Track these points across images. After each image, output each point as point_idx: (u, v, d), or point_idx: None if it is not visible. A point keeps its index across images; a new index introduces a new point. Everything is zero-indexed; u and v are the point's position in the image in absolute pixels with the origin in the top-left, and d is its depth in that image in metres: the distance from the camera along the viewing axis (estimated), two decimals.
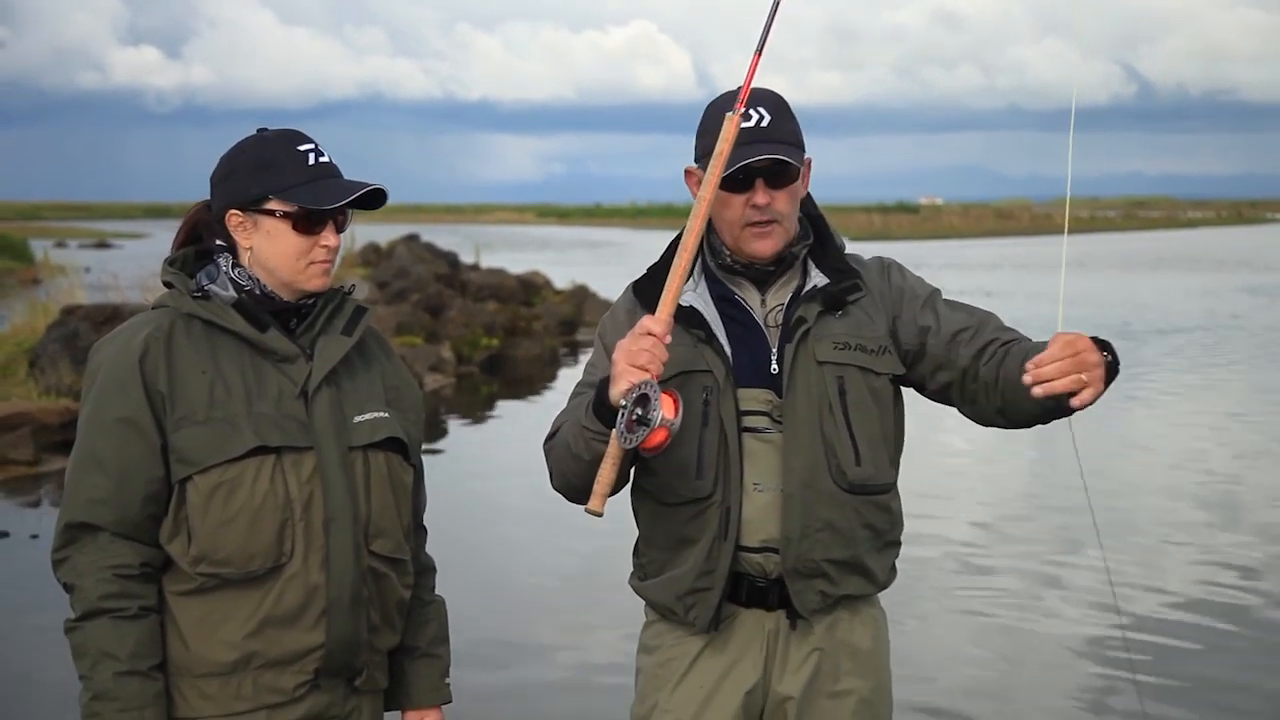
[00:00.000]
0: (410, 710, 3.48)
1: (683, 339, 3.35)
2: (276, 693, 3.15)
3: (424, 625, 3.46)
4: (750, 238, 3.39)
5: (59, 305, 19.58)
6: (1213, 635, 8.02)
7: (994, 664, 7.62)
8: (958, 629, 8.22)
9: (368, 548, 3.20)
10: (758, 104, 3.37)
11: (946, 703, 6.86)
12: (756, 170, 3.32)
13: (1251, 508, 11.42)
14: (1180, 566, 9.56)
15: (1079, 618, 8.37)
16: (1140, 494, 12.02)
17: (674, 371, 3.30)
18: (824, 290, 3.44)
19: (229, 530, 3.06)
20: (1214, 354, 22.82)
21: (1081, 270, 48.85)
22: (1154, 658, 7.56)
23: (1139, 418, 16.25)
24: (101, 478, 3.07)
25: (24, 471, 12.72)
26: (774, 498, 3.36)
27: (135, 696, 3.05)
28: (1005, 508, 11.49)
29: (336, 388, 3.20)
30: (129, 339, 3.13)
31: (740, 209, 3.36)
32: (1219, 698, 6.99)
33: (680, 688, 3.45)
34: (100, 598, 3.04)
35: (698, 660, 3.45)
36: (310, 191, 3.15)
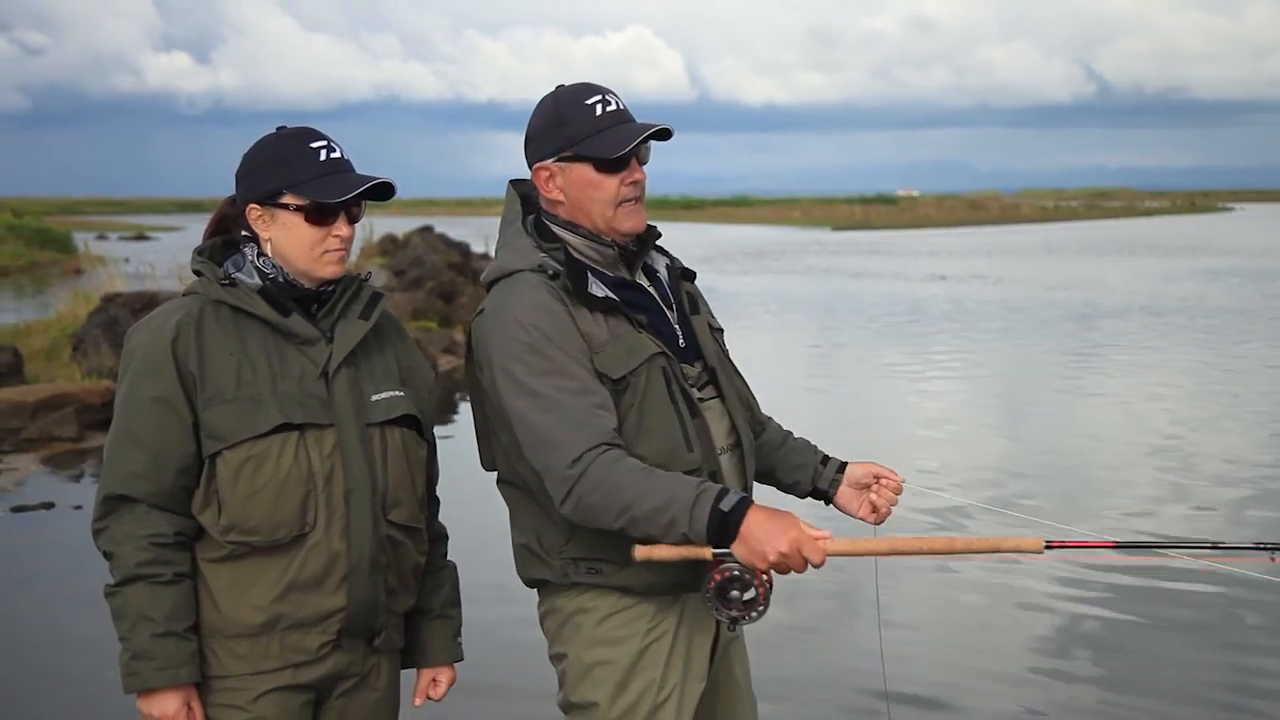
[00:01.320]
0: (425, 668, 3.48)
1: (625, 328, 3.27)
2: (302, 652, 3.16)
3: (437, 589, 3.47)
4: (624, 215, 3.32)
5: (100, 293, 19.58)
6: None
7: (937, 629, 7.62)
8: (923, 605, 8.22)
9: (385, 517, 3.21)
10: (608, 92, 3.36)
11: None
12: (638, 148, 3.30)
13: (1199, 473, 11.42)
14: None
15: (1028, 586, 8.36)
16: (1099, 459, 12.03)
17: (641, 359, 3.24)
18: (681, 267, 3.55)
19: (256, 501, 3.07)
20: (1168, 333, 22.82)
21: (1048, 256, 48.87)
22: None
23: (1101, 388, 16.29)
24: (138, 453, 3.08)
25: (68, 447, 12.73)
26: (731, 456, 3.38)
27: (171, 656, 3.05)
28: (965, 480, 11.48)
29: (355, 368, 3.21)
30: (162, 324, 3.13)
31: (616, 188, 3.29)
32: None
33: (671, 661, 3.34)
34: (138, 564, 3.05)
35: (678, 630, 3.35)
36: (321, 186, 3.14)
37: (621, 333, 3.25)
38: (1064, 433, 13.72)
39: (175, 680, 3.06)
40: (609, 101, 3.31)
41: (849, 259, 48.03)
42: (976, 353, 20.48)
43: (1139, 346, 20.98)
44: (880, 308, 28.55)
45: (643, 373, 3.22)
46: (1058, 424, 14.31)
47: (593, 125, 3.29)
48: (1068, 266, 42.13)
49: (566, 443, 3.09)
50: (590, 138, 3.28)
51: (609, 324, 3.26)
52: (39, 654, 7.02)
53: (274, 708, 3.16)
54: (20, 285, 35.73)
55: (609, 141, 3.27)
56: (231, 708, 3.15)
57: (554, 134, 3.33)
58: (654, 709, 3.31)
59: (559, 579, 3.33)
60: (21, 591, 8.28)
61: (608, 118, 3.29)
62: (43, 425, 13.13)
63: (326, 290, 3.24)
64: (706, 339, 3.44)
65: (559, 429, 3.10)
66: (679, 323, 3.42)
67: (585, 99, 3.31)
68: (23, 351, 15.68)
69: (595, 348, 3.22)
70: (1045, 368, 18.71)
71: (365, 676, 3.30)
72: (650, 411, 3.23)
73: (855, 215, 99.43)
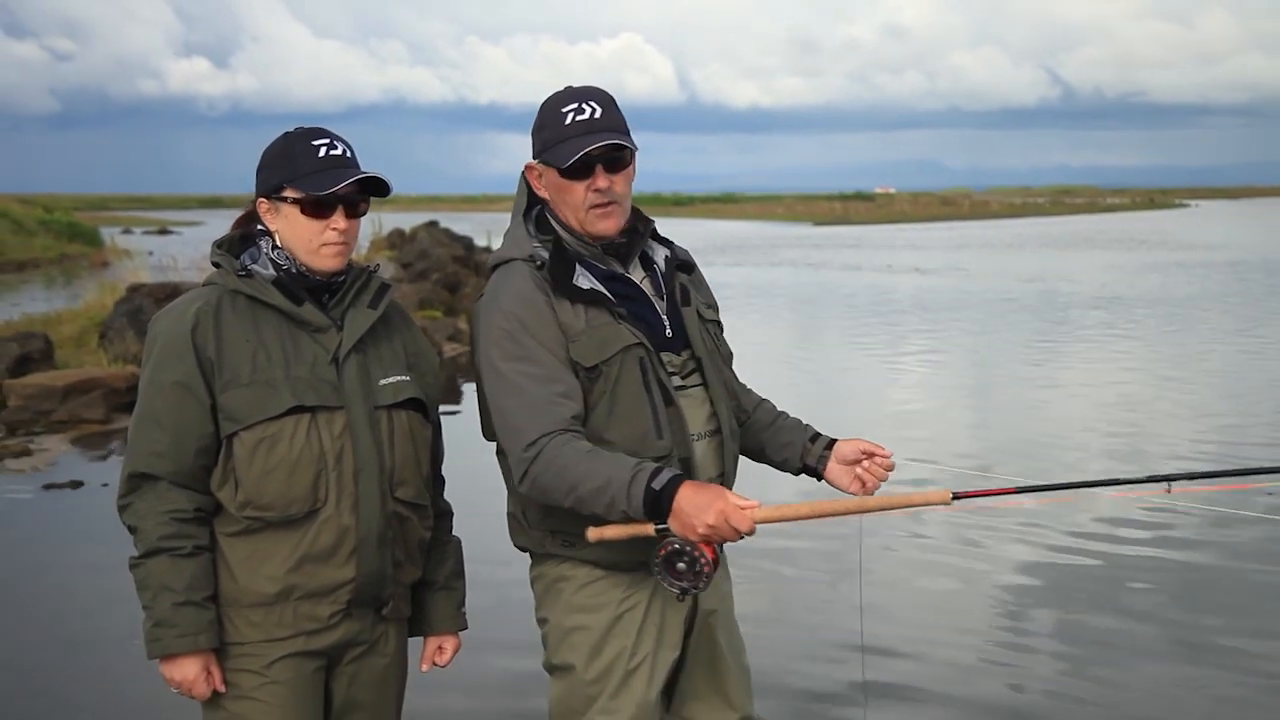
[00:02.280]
0: (431, 636, 3.50)
1: (604, 319, 3.29)
2: (314, 620, 3.17)
3: (442, 562, 3.48)
4: (594, 219, 3.32)
5: (125, 284, 19.55)
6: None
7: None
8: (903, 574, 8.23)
9: (392, 494, 3.21)
10: (589, 99, 3.33)
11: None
12: (596, 157, 3.27)
13: (1158, 456, 11.45)
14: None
15: (997, 555, 8.38)
16: (1061, 440, 12.05)
17: (614, 350, 3.26)
18: (679, 260, 3.53)
19: (271, 479, 3.07)
20: (1128, 320, 22.84)
21: (1016, 249, 48.88)
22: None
23: (1064, 370, 16.32)
24: (159, 434, 3.08)
25: (96, 429, 12.72)
26: (709, 441, 3.39)
27: (191, 624, 3.06)
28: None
29: (364, 354, 3.21)
30: (182, 312, 3.14)
31: (583, 194, 3.30)
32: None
33: (644, 630, 3.38)
34: (159, 538, 3.06)
35: (651, 601, 3.38)
36: (315, 179, 3.14)
37: (599, 323, 3.27)
38: (1027, 411, 13.74)
39: (195, 646, 3.08)
40: (584, 110, 3.30)
41: (829, 252, 48.01)
42: (946, 337, 20.51)
43: (1101, 333, 20.98)
44: (858, 297, 28.55)
45: (616, 362, 3.25)
46: (1022, 403, 14.32)
47: (559, 134, 3.30)
48: (1034, 259, 42.17)
49: (524, 427, 3.15)
50: (554, 146, 3.30)
51: (589, 315, 3.28)
52: (68, 624, 7.01)
53: (288, 672, 3.17)
54: (51, 277, 35.69)
55: (564, 151, 3.27)
56: (248, 672, 3.16)
57: (536, 137, 3.37)
58: (626, 675, 3.34)
59: (538, 549, 3.41)
60: (52, 565, 8.27)
61: (574, 126, 3.29)
62: (72, 408, 13.12)
63: (337, 281, 3.24)
64: (695, 329, 3.43)
65: (521, 413, 3.18)
66: (669, 313, 3.41)
67: (562, 106, 3.32)
68: (53, 339, 15.66)
69: (571, 337, 3.25)
70: (1012, 352, 18.71)
71: (374, 644, 3.31)
72: (622, 399, 3.26)
73: (835, 211, 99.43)
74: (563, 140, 3.28)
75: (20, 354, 14.43)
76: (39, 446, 11.92)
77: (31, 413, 13.06)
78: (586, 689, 3.37)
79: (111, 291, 19.84)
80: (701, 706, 3.57)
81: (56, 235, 44.81)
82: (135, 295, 17.36)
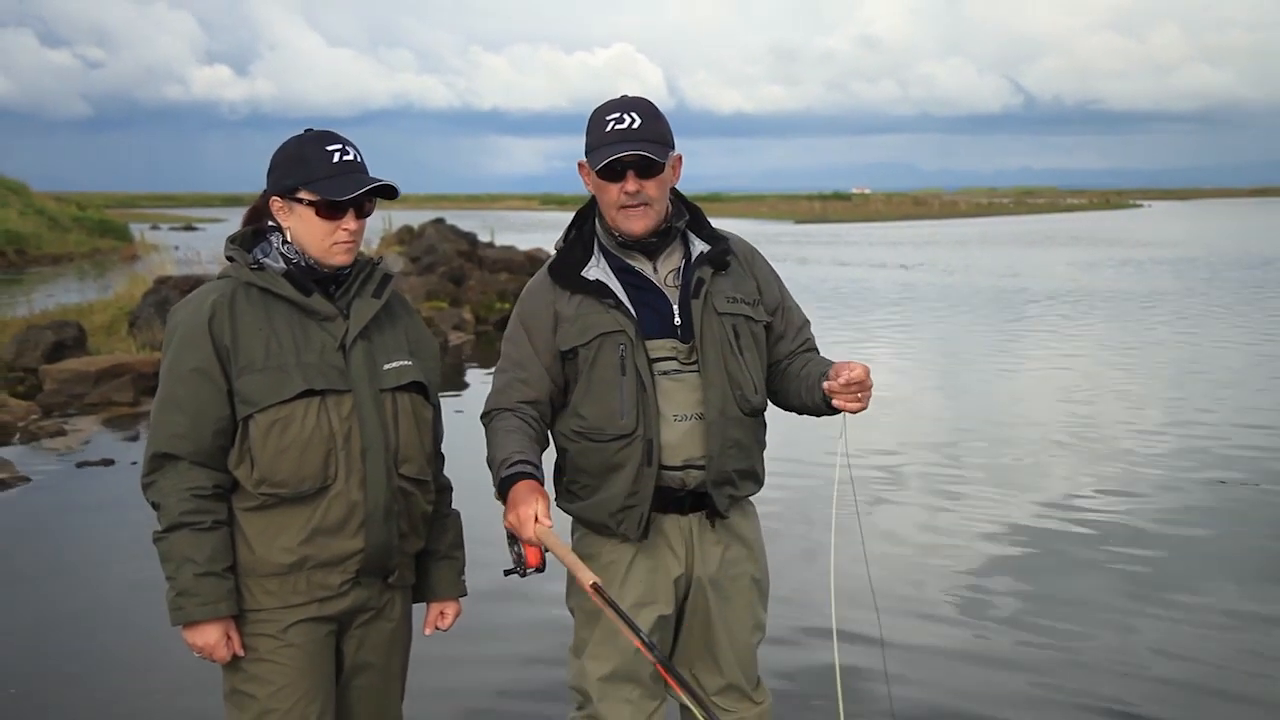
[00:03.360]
0: (434, 602, 3.50)
1: (595, 307, 3.42)
2: (325, 588, 3.18)
3: (444, 533, 3.49)
4: (623, 218, 3.43)
5: (153, 276, 19.55)
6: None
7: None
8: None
9: (397, 471, 3.22)
10: (631, 109, 3.41)
11: None
12: (628, 163, 3.36)
13: (1109, 437, 11.47)
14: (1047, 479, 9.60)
15: (958, 525, 8.40)
16: (1021, 421, 12.07)
17: (593, 335, 3.40)
18: (709, 255, 3.53)
19: (284, 458, 3.08)
20: (1086, 311, 22.87)
21: (983, 246, 48.90)
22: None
23: (1025, 356, 16.34)
24: (180, 416, 3.08)
25: (125, 411, 12.71)
26: (694, 424, 3.44)
27: (212, 592, 3.07)
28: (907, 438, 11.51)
29: (369, 341, 3.21)
30: (200, 303, 3.14)
31: (615, 194, 3.40)
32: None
33: (625, 584, 3.48)
34: (181, 513, 3.06)
35: (634, 561, 3.50)
36: (331, 184, 3.14)
37: (588, 311, 3.41)
38: (993, 396, 13.77)
39: (215, 614, 3.09)
40: (624, 119, 3.40)
41: (810, 248, 47.97)
42: (918, 326, 20.53)
43: (1060, 323, 21.01)
44: (838, 288, 28.53)
45: (595, 346, 3.39)
46: (988, 389, 14.35)
47: (599, 139, 3.41)
48: (1000, 255, 42.18)
49: (489, 399, 3.48)
50: (594, 150, 3.41)
51: (583, 303, 3.43)
52: (99, 594, 7.02)
53: (302, 636, 3.18)
54: (84, 270, 35.59)
55: (598, 156, 3.37)
56: (265, 636, 3.17)
57: (585, 141, 3.46)
58: (612, 628, 3.37)
59: (558, 499, 3.57)
60: (82, 538, 8.27)
61: (613, 134, 3.38)
62: (103, 391, 13.11)
63: (343, 272, 3.24)
64: (699, 319, 3.45)
65: (492, 388, 3.51)
66: (680, 303, 3.46)
67: (607, 114, 3.42)
68: (86, 327, 15.64)
69: (560, 324, 3.44)
70: (978, 340, 18.74)
71: (381, 609, 3.32)
72: (595, 380, 3.41)
73: (815, 210, 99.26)
74: (601, 145, 3.38)
75: (55, 341, 14.43)
76: (73, 427, 11.92)
77: (66, 396, 13.06)
78: (581, 633, 3.57)
79: (140, 283, 19.86)
80: (698, 666, 3.64)
81: (89, 231, 44.71)
82: (162, 287, 17.35)
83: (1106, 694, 5.50)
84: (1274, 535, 8.10)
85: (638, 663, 3.46)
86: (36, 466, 10.26)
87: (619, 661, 3.50)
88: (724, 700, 3.63)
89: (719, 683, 3.63)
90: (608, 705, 3.52)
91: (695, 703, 3.01)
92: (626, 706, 3.52)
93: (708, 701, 3.50)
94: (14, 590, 7.12)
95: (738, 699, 3.65)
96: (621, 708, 3.52)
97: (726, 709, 3.63)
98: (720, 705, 3.62)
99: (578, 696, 3.61)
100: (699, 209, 3.65)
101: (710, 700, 3.60)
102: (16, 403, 12.43)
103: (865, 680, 5.32)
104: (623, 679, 3.52)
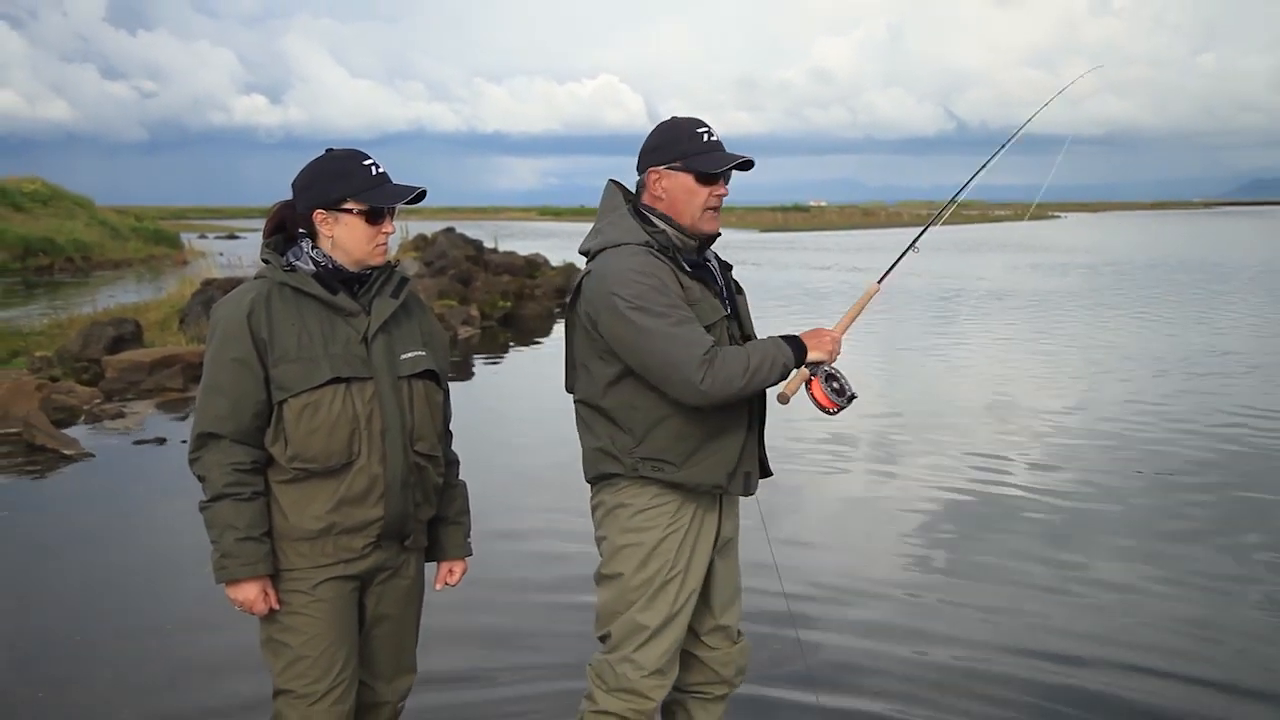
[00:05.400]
0: (444, 561, 3.50)
1: (707, 294, 3.37)
2: (350, 551, 3.18)
3: (452, 501, 3.48)
4: (707, 219, 3.41)
5: (200, 279, 19.53)
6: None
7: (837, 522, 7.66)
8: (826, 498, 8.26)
9: (412, 448, 3.21)
10: (707, 126, 3.42)
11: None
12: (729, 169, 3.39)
13: (1023, 412, 11.50)
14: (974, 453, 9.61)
15: (902, 494, 8.41)
16: (951, 405, 12.10)
17: (716, 317, 3.35)
18: (724, 262, 3.60)
19: (314, 437, 3.07)
20: (1012, 308, 22.93)
21: (924, 251, 48.79)
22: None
23: (960, 346, 16.38)
24: (222, 400, 3.07)
25: (176, 396, 12.65)
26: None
27: (251, 554, 3.07)
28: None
29: (388, 334, 3.20)
30: (239, 300, 3.13)
31: (706, 197, 3.38)
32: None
33: (680, 550, 3.43)
34: (224, 485, 3.06)
35: (691, 527, 3.43)
36: (375, 194, 3.14)
37: (705, 296, 3.36)
38: (927, 382, 13.80)
39: (254, 573, 3.08)
40: (711, 133, 3.40)
41: (773, 253, 47.99)
42: (861, 320, 20.47)
43: (989, 318, 21.06)
44: (796, 287, 28.56)
45: (717, 328, 3.33)
46: (925, 374, 14.37)
47: (699, 147, 3.37)
48: (939, 260, 42.23)
49: (694, 347, 3.16)
50: (697, 155, 3.35)
51: (700, 289, 3.36)
52: (157, 552, 7.02)
53: (330, 592, 3.17)
54: (140, 274, 35.40)
55: (710, 161, 3.35)
56: (298, 593, 3.16)
57: (671, 149, 3.39)
58: (663, 584, 3.41)
59: (629, 473, 3.38)
60: (139, 504, 8.27)
61: (711, 144, 3.38)
62: (157, 379, 13.06)
63: (366, 274, 3.23)
64: (744, 312, 3.55)
65: (687, 340, 3.17)
66: (727, 299, 3.49)
67: (696, 128, 3.40)
68: (142, 323, 15.58)
69: (690, 301, 3.30)
70: (918, 331, 18.76)
71: (398, 569, 3.32)
72: None
73: (777, 220, 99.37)
74: (705, 152, 3.36)
75: (115, 335, 14.39)
76: (131, 410, 11.86)
77: (124, 383, 13.00)
78: (630, 594, 3.43)
79: (189, 285, 19.80)
80: (698, 609, 3.62)
81: (145, 240, 44.49)
82: (208, 288, 17.32)
83: (1024, 649, 5.45)
84: (1165, 500, 8.14)
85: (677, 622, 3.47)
86: (99, 443, 10.22)
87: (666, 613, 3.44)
88: (711, 639, 3.64)
89: (710, 624, 3.64)
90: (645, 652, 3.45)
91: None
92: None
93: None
94: (79, 548, 7.13)
95: (723, 638, 3.67)
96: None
97: (714, 646, 3.65)
98: (707, 644, 3.64)
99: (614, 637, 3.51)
100: None
101: (701, 640, 3.63)
102: (82, 389, 12.37)
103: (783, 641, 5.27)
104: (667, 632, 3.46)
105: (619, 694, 3.42)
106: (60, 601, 6.22)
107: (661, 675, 3.44)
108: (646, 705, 3.43)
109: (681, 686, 3.68)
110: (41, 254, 36.20)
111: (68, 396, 11.88)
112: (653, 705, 3.44)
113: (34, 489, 8.71)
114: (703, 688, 3.69)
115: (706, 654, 3.64)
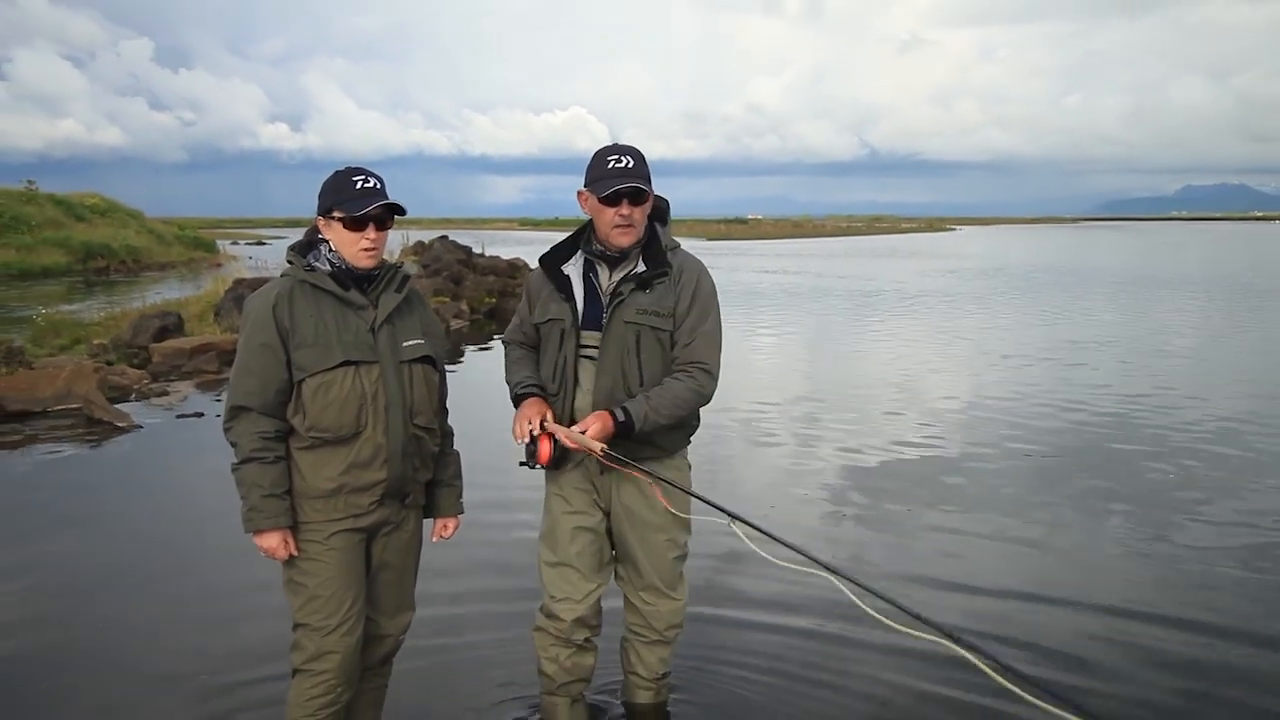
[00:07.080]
0: (439, 518, 3.49)
1: (555, 297, 3.44)
2: (358, 508, 3.17)
3: (446, 467, 3.47)
4: (616, 235, 3.37)
5: (232, 279, 19.28)
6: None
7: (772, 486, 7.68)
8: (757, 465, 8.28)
9: (412, 421, 3.20)
10: (626, 153, 3.36)
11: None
12: (623, 192, 3.32)
13: (928, 398, 11.58)
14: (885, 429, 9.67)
15: (825, 463, 8.45)
16: (866, 387, 12.16)
17: (547, 318, 3.44)
18: (638, 275, 3.41)
19: (328, 411, 3.06)
20: (919, 308, 23.06)
21: (842, 258, 49.14)
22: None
23: (874, 342, 16.45)
24: (251, 379, 3.06)
25: (212, 378, 12.52)
26: (588, 395, 3.42)
27: (274, 509, 3.06)
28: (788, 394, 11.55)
29: (392, 325, 3.19)
30: (266, 295, 3.11)
31: (612, 216, 3.35)
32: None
33: (553, 501, 3.63)
34: (252, 450, 3.05)
35: (562, 483, 3.59)
36: (352, 205, 3.10)
37: (552, 300, 3.45)
38: (848, 366, 13.85)
39: (276, 525, 3.07)
40: (621, 160, 3.33)
41: (717, 258, 48.04)
42: (792, 316, 20.61)
43: (899, 315, 21.18)
44: (738, 288, 28.60)
45: (548, 326, 3.46)
46: (844, 361, 14.44)
47: (601, 173, 3.34)
48: (858, 264, 42.44)
49: (507, 332, 3.72)
50: (597, 181, 3.33)
51: (552, 292, 3.46)
52: (198, 503, 6.98)
53: (341, 542, 3.17)
54: (183, 274, 34.93)
55: (603, 187, 3.31)
56: (314, 542, 3.15)
57: (587, 174, 3.39)
58: (551, 530, 3.58)
59: None
60: (181, 468, 8.22)
61: (613, 171, 3.32)
62: (196, 363, 12.94)
63: (373, 273, 3.22)
64: (617, 325, 3.36)
65: (510, 325, 3.66)
66: (607, 308, 3.39)
67: (608, 155, 3.34)
68: (183, 316, 15.43)
69: (535, 303, 3.53)
70: (838, 325, 18.84)
71: (399, 524, 3.31)
72: (545, 350, 3.51)
73: (721, 230, 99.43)
74: (604, 179, 3.32)
75: (160, 326, 14.27)
76: (174, 390, 11.74)
77: (168, 366, 12.87)
78: (541, 538, 3.64)
79: (223, 284, 19.56)
80: (625, 570, 3.69)
81: (186, 245, 43.98)
82: (239, 286, 17.14)
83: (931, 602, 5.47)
84: (1041, 465, 8.23)
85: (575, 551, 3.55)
86: (147, 418, 10.14)
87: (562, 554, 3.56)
88: (646, 595, 3.68)
89: (640, 584, 3.67)
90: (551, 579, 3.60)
91: (635, 469, 3.32)
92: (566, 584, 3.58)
93: (641, 468, 3.39)
94: (132, 504, 7.13)
95: (656, 595, 3.67)
96: (562, 584, 3.57)
97: (649, 601, 3.67)
98: (644, 599, 3.68)
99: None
100: (658, 233, 3.48)
101: (639, 593, 3.68)
102: (133, 371, 12.24)
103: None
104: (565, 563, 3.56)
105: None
106: (117, 542, 6.30)
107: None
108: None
109: (628, 626, 3.78)
110: (99, 257, 35.84)
111: (120, 378, 11.76)
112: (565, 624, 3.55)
113: (93, 455, 8.69)
114: (641, 630, 3.75)
115: (644, 606, 3.69)
